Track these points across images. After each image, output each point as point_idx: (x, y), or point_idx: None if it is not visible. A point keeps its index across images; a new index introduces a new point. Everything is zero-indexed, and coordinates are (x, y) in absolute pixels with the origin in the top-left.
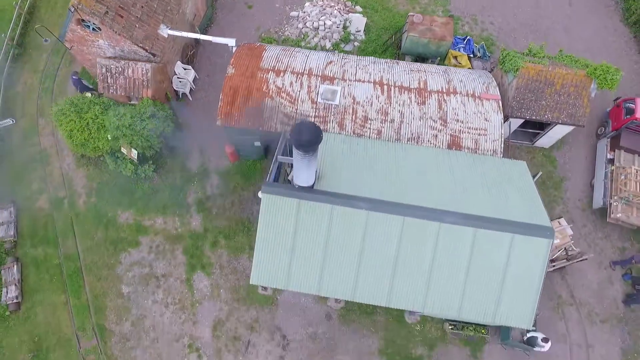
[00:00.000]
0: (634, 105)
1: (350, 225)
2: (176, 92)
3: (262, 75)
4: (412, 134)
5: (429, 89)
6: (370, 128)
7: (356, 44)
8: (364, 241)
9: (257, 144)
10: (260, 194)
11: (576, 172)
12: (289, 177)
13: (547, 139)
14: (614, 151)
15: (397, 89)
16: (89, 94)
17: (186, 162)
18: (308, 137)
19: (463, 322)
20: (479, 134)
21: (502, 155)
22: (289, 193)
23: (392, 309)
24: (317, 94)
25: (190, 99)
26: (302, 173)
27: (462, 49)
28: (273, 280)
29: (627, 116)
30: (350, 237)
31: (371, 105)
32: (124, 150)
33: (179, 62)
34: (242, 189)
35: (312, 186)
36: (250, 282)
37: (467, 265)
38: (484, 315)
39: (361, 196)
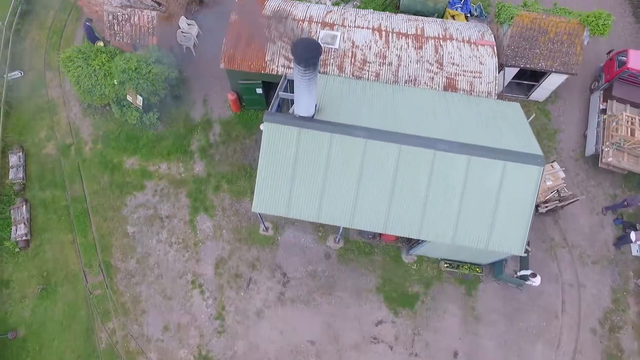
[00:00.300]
0: (626, 58)
1: (349, 154)
2: (180, 45)
3: (264, 21)
4: (410, 77)
5: (425, 35)
6: (368, 71)
7: (356, 2)
8: (362, 169)
9: (259, 91)
10: (262, 127)
11: (570, 124)
12: (290, 111)
13: (541, 91)
14: (607, 101)
15: (395, 34)
16: (101, 43)
17: (189, 112)
18: (308, 50)
19: (458, 261)
20: (474, 77)
21: (496, 98)
22: (289, 122)
23: (389, 250)
24: (318, 38)
25: (194, 54)
26: (303, 99)
27: (459, 9)
28: (274, 207)
29: (620, 67)
30: (348, 165)
31: (370, 49)
32: (129, 97)
33: (183, 17)
34: (244, 137)
35: (312, 117)
36: (252, 210)
37: (461, 192)
38: (477, 241)
39: (359, 125)
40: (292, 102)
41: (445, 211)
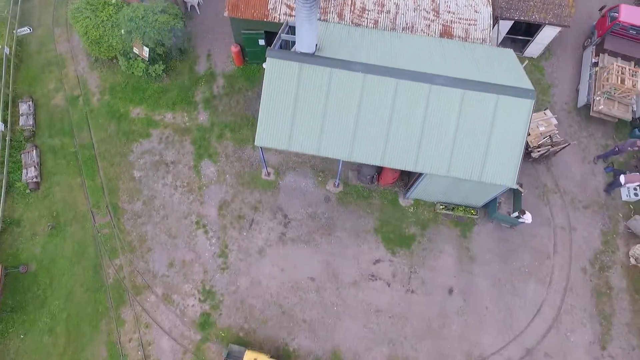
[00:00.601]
0: (617, 14)
1: (348, 88)
2: (185, 3)
3: None
4: (407, 24)
5: None
6: (367, 18)
7: None
8: (361, 103)
9: (262, 42)
10: (264, 65)
11: (563, 80)
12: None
13: (535, 47)
14: (599, 55)
15: None
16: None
17: (194, 66)
18: None
19: (453, 203)
20: (469, 24)
21: (490, 45)
22: (291, 57)
23: (387, 194)
24: None
25: (199, 12)
26: (304, 31)
27: None
28: (276, 141)
29: (611, 22)
30: (347, 99)
31: None
32: (136, 49)
33: None
34: (246, 89)
35: (313, 54)
36: (255, 144)
37: (456, 126)
38: (471, 173)
39: (358, 61)
40: (293, 44)
41: (441, 144)
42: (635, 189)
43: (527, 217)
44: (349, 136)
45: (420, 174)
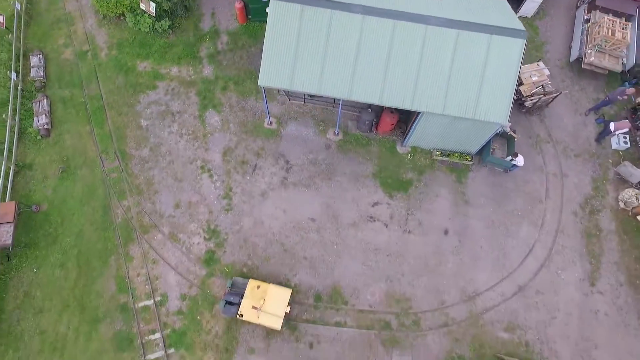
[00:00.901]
0: None
1: (347, 29)
2: None
3: None
4: None
5: None
6: None
7: None
8: (360, 44)
9: None
10: (268, 9)
11: (556, 37)
12: None
13: (530, 5)
14: (591, 12)
15: None
16: None
17: (198, 23)
18: None
19: (449, 150)
20: None
21: None
22: None
23: (385, 142)
24: None
25: None
26: None
27: None
28: (278, 81)
29: None
30: (347, 40)
31: None
32: (142, 5)
33: None
34: (249, 46)
35: None
36: (259, 84)
37: (450, 65)
38: (465, 111)
39: (357, 4)
40: None
41: (436, 83)
42: (624, 137)
43: (520, 160)
44: (348, 75)
45: (416, 119)
